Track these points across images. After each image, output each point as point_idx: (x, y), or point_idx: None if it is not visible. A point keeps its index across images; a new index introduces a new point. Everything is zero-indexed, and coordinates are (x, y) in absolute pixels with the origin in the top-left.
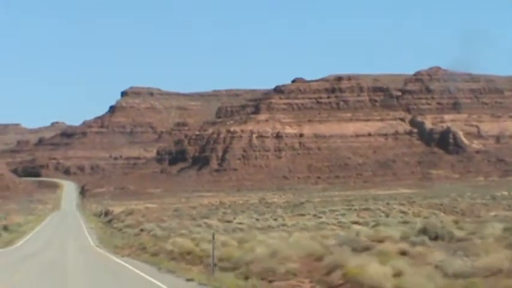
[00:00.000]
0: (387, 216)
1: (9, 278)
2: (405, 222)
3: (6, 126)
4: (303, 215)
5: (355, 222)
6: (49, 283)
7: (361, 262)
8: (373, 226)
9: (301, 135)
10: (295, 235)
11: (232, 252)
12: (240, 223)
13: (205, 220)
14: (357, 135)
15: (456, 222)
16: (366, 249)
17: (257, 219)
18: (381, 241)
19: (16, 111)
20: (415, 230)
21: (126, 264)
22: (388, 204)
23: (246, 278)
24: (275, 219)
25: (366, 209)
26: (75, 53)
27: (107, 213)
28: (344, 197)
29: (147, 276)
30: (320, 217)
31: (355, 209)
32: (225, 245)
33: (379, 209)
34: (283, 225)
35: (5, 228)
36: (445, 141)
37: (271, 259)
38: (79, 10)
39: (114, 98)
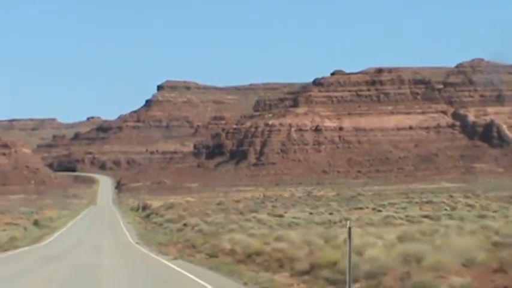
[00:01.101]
0: (453, 209)
1: None
2: (482, 216)
3: (42, 121)
4: (360, 208)
5: (425, 216)
6: None
7: None
8: (450, 220)
9: (340, 128)
10: (384, 231)
11: (333, 255)
12: (295, 217)
13: (253, 214)
14: (398, 129)
15: None
16: None
17: (311, 213)
18: None
19: (52, 106)
20: None
21: (184, 272)
22: (451, 197)
23: None
24: (331, 213)
25: (428, 202)
26: (111, 47)
27: (144, 208)
28: (394, 191)
29: None
30: (380, 211)
31: (416, 202)
32: (310, 244)
33: (443, 202)
34: (346, 219)
35: (36, 223)
36: (488, 135)
37: (421, 269)
38: (114, 3)
39: (150, 92)
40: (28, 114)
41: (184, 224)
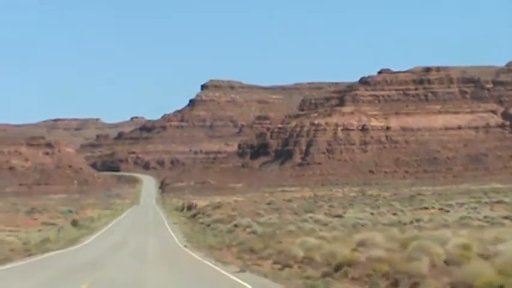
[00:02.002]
0: None
1: None
2: None
3: (86, 121)
4: (426, 208)
5: (505, 217)
6: None
7: None
8: None
9: (387, 128)
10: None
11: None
12: (359, 218)
13: (309, 214)
14: (446, 128)
15: None
16: None
17: (372, 214)
18: None
19: (96, 106)
20: None
21: None
22: None
23: None
24: (394, 214)
25: (498, 202)
26: (155, 47)
27: (190, 207)
28: (451, 191)
29: None
30: (448, 211)
31: (486, 202)
32: (421, 250)
33: None
34: (417, 220)
35: (74, 223)
36: None
37: None
38: (158, 3)
39: (194, 92)
40: (72, 114)
41: (235, 225)
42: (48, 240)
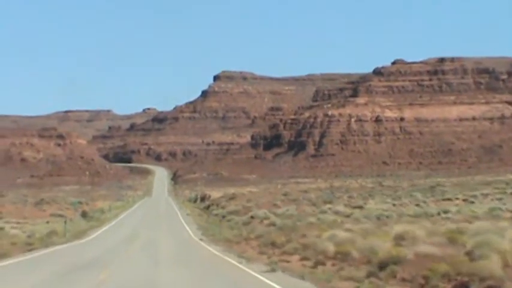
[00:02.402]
0: None
1: None
2: None
3: (98, 112)
4: (449, 199)
5: None
6: None
7: None
8: None
9: (401, 119)
10: None
11: None
12: (382, 209)
13: (328, 205)
14: (461, 119)
15: None
16: None
17: (394, 205)
18: None
19: (108, 98)
20: None
21: None
22: None
23: None
24: (417, 205)
25: None
26: (167, 39)
27: (203, 198)
28: (475, 182)
29: None
30: (472, 202)
31: (511, 193)
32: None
33: None
34: (444, 212)
35: (84, 214)
36: None
37: None
38: None
39: (206, 83)
40: (84, 106)
41: (251, 217)
42: (54, 233)
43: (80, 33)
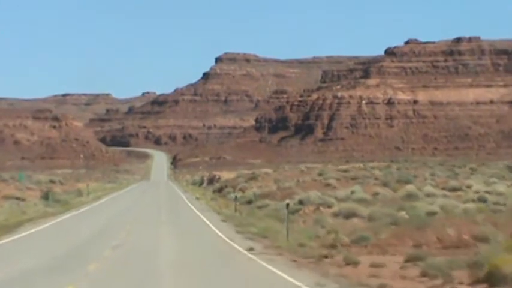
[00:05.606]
0: None
1: None
2: None
3: (96, 96)
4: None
5: None
6: None
7: None
8: None
9: (415, 101)
10: None
11: None
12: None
13: (409, 186)
14: (478, 103)
15: None
16: None
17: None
18: None
19: (107, 82)
20: None
21: None
22: None
23: None
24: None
25: None
26: (167, 19)
27: (212, 180)
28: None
29: None
30: None
31: None
32: None
33: None
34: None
35: (46, 196)
36: None
37: None
38: None
39: (208, 65)
40: (82, 90)
41: (300, 202)
42: None
43: (79, 16)
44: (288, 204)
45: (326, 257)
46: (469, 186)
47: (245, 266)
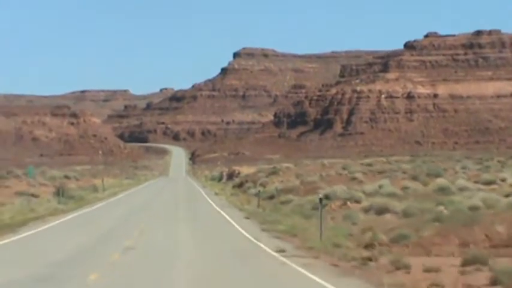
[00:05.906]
0: None
1: None
2: None
3: (114, 92)
4: None
5: None
6: None
7: None
8: None
9: (435, 95)
10: None
11: None
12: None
13: (439, 180)
14: (498, 96)
15: None
16: None
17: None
18: None
19: (125, 78)
20: None
21: None
22: None
23: None
24: None
25: None
26: (185, 14)
27: (231, 176)
28: None
29: None
30: None
31: None
32: None
33: None
34: None
35: (59, 193)
36: None
37: None
38: None
39: (226, 60)
40: (100, 86)
41: (326, 197)
42: None
43: (97, 13)
44: (321, 199)
45: (370, 259)
46: (503, 180)
47: (280, 274)
